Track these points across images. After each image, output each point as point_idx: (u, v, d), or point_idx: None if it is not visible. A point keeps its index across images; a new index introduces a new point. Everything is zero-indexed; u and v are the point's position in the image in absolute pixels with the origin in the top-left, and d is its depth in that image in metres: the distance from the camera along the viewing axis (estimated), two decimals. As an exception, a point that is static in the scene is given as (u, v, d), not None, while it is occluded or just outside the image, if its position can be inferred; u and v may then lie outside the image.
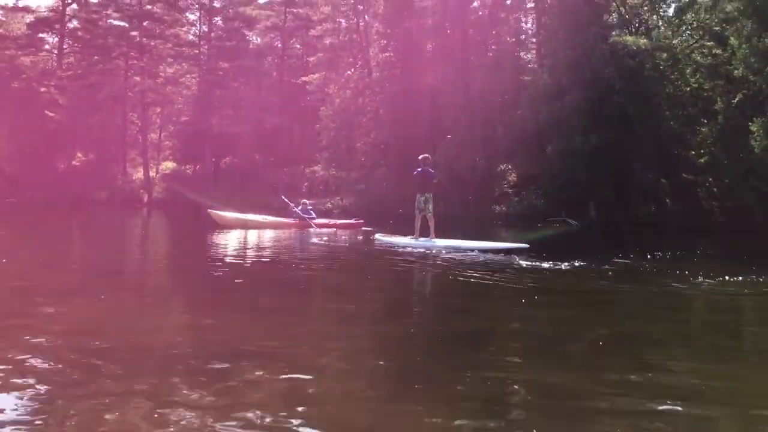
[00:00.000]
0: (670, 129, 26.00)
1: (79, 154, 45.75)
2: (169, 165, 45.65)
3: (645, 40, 26.08)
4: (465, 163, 27.29)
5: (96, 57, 44.01)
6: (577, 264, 9.43)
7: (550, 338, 5.09)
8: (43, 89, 45.85)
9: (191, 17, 45.56)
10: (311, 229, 18.20)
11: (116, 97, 42.46)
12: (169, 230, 20.58)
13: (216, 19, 43.88)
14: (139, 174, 43.99)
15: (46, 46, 48.89)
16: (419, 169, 13.09)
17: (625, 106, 24.97)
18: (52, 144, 42.86)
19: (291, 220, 18.98)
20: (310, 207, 19.97)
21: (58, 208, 31.22)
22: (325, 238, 15.41)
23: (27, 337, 4.59)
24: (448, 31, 29.51)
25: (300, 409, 3.24)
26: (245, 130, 40.27)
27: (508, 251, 11.37)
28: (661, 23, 29.01)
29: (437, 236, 12.76)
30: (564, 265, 9.21)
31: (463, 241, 12.53)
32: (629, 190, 25.09)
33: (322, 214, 29.97)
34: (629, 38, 26.01)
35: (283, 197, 21.32)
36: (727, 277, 8.21)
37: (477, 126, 27.94)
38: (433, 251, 11.64)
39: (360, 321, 5.72)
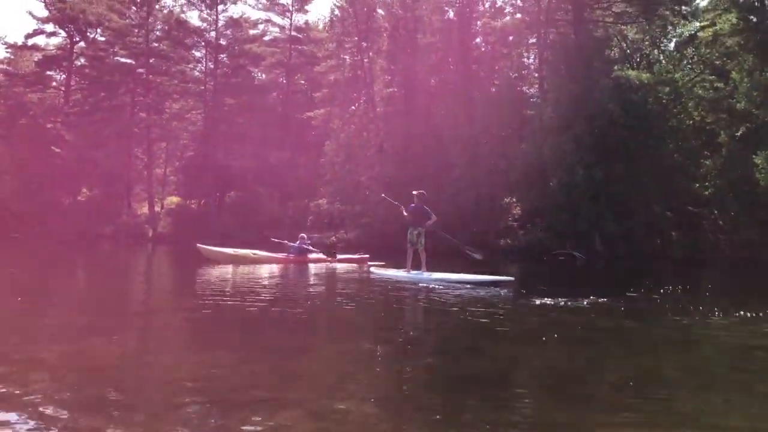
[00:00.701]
0: (674, 162, 26.11)
1: (85, 190, 45.95)
2: (173, 199, 45.77)
3: (647, 75, 26.36)
4: (469, 197, 27.34)
5: (102, 93, 44.45)
6: (588, 300, 9.38)
7: (571, 378, 5.05)
8: (49, 125, 46.32)
9: (197, 54, 46.18)
10: (312, 264, 18.13)
11: (122, 133, 42.74)
12: (173, 266, 20.53)
13: (222, 56, 44.40)
14: (144, 209, 44.11)
15: (54, 83, 49.44)
16: (412, 205, 13.55)
17: (628, 139, 25.11)
18: (57, 179, 43.03)
19: (282, 255, 18.70)
20: (309, 242, 19.83)
21: (64, 244, 31.24)
22: (323, 271, 15.44)
23: (39, 378, 4.57)
24: (452, 67, 29.88)
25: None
26: (250, 165, 40.47)
27: (495, 284, 11.76)
28: (662, 57, 29.34)
29: (428, 269, 13.16)
30: (574, 302, 9.16)
31: (452, 274, 12.83)
32: (634, 223, 25.07)
33: (326, 247, 29.94)
34: (631, 72, 26.28)
35: (273, 239, 21.19)
36: (741, 313, 8.16)
37: (481, 160, 28.05)
38: (427, 284, 11.91)
39: (376, 361, 5.68)
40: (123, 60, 44.95)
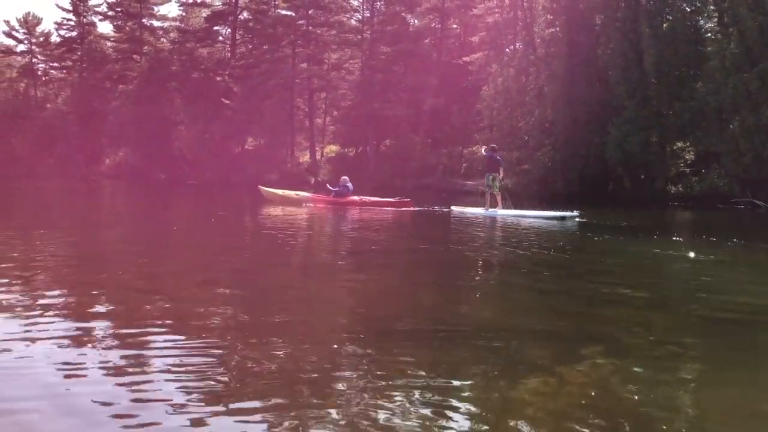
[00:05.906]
0: None
1: (251, 139, 48.71)
2: (333, 148, 47.42)
3: None
4: (637, 141, 25.96)
5: (265, 46, 46.48)
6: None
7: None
8: (218, 78, 49.34)
9: (354, 3, 46.85)
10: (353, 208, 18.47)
11: (285, 84, 44.56)
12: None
13: (378, 3, 44.76)
14: (306, 157, 46.10)
15: (221, 38, 52.41)
16: (488, 155, 17.46)
17: (827, 74, 22.64)
18: (227, 129, 45.87)
19: (321, 196, 19.70)
20: (343, 185, 19.44)
21: (235, 189, 33.45)
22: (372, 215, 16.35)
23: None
24: (622, 4, 28.02)
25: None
26: (405, 113, 40.82)
27: (561, 218, 14.19)
28: None
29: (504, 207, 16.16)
30: None
31: (522, 210, 15.89)
32: (830, 169, 22.76)
33: (480, 195, 29.85)
34: (833, -2, 23.43)
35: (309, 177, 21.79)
36: None
37: (651, 102, 26.53)
38: (502, 219, 14.82)
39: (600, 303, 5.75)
40: (284, 12, 46.59)
